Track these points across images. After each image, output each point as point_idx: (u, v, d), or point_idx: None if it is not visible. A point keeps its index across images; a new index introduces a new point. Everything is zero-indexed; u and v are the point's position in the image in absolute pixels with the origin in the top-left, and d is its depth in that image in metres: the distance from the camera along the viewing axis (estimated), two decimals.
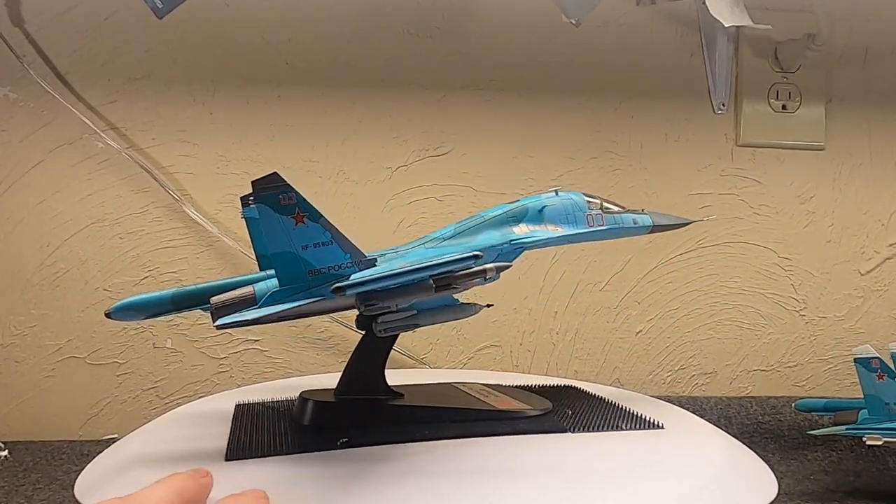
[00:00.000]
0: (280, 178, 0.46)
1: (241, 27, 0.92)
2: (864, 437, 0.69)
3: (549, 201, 0.61)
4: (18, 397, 0.91)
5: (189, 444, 0.55)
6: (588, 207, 0.61)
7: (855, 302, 1.03)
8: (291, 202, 0.47)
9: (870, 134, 1.02)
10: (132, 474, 0.49)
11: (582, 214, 0.61)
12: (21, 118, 0.90)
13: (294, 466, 0.48)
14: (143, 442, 0.57)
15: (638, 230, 0.62)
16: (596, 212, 0.61)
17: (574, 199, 0.61)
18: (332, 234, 0.48)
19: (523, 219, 0.60)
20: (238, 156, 0.93)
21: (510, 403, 0.60)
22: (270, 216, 0.47)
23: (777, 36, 0.98)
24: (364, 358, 0.57)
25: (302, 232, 0.48)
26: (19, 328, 0.91)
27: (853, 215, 1.02)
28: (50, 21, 0.90)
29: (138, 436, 0.60)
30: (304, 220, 0.48)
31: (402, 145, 0.95)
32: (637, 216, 0.62)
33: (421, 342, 0.96)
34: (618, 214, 0.62)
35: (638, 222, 0.62)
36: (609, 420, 0.58)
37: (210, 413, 0.63)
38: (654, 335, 1.00)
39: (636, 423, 0.58)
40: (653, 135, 0.99)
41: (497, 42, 0.96)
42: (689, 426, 0.62)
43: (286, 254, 0.48)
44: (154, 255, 0.92)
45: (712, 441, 0.57)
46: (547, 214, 0.60)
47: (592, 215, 0.61)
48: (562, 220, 0.60)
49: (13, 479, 0.78)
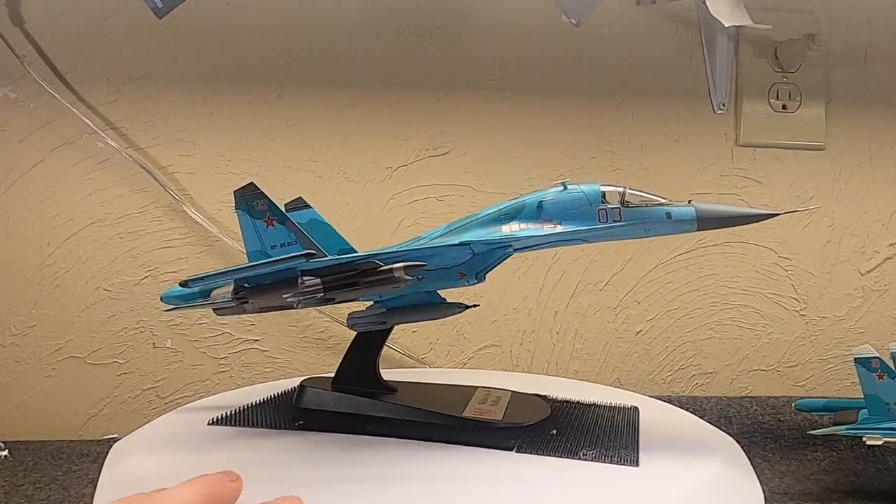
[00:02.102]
0: (256, 187, 0.56)
1: (241, 27, 0.92)
2: (864, 437, 0.69)
3: (551, 196, 0.54)
4: (18, 397, 0.91)
5: (190, 444, 0.55)
6: (602, 200, 0.52)
7: (855, 302, 1.03)
8: (263, 208, 0.56)
9: (870, 134, 1.02)
10: (132, 474, 0.49)
11: (592, 209, 0.53)
12: (21, 118, 0.90)
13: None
14: (143, 442, 0.57)
15: (675, 226, 0.52)
16: (613, 206, 0.52)
17: (584, 192, 0.53)
18: (297, 236, 0.56)
19: (517, 216, 0.55)
20: (238, 156, 0.93)
21: (490, 413, 0.58)
22: (247, 220, 0.57)
23: (777, 36, 0.98)
24: (357, 353, 0.61)
25: (271, 234, 0.56)
26: (19, 328, 0.91)
27: (853, 215, 1.02)
28: (50, 21, 0.90)
29: (138, 436, 0.60)
30: (273, 223, 0.57)
31: (402, 145, 0.95)
32: (674, 209, 0.52)
33: (421, 342, 0.96)
34: (642, 208, 0.52)
35: (674, 216, 0.51)
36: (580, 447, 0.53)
37: (210, 413, 0.63)
38: (654, 335, 1.00)
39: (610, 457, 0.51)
40: (653, 135, 0.99)
41: (497, 42, 0.96)
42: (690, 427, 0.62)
43: (257, 252, 0.57)
44: (154, 255, 0.92)
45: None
46: (546, 210, 0.54)
47: (607, 210, 0.52)
48: (564, 217, 0.53)
49: (13, 479, 0.78)
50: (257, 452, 0.52)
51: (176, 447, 0.54)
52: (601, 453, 0.51)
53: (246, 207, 0.57)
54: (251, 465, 0.49)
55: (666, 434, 0.59)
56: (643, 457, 0.52)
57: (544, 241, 0.54)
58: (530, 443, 0.53)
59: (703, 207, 0.51)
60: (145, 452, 0.53)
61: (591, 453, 0.51)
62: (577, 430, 0.57)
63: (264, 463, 0.50)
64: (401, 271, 0.49)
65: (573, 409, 0.63)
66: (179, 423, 0.61)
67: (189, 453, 0.52)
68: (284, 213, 0.57)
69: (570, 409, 0.63)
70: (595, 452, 0.52)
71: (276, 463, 0.50)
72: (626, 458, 0.51)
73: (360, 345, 0.61)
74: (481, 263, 0.54)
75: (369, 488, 0.46)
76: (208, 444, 0.54)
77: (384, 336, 0.61)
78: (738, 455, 0.57)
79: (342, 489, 0.46)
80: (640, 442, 0.55)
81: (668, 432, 0.60)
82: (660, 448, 0.54)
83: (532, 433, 0.55)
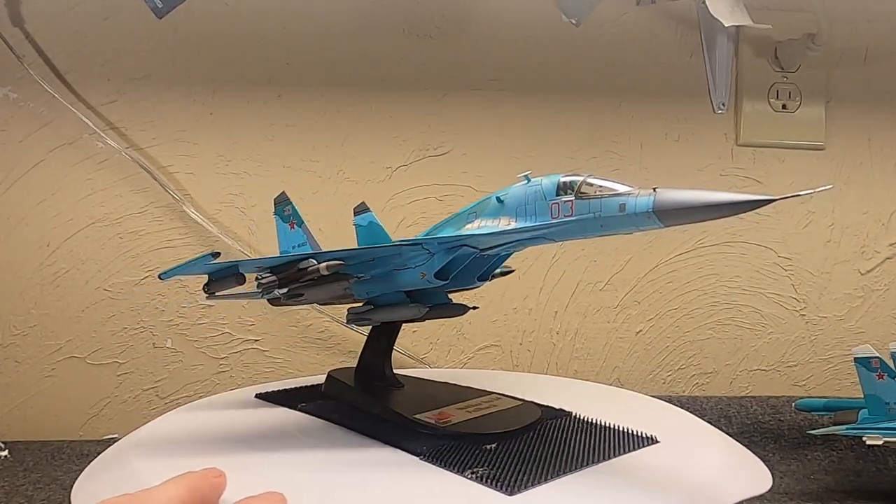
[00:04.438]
0: (286, 196, 0.69)
1: (241, 27, 0.92)
2: (864, 436, 0.69)
3: (513, 190, 0.49)
4: (18, 397, 0.91)
5: (190, 444, 0.55)
6: (557, 193, 0.46)
7: (855, 302, 1.03)
8: (289, 213, 0.68)
9: (870, 134, 1.02)
10: (132, 474, 0.49)
11: (546, 203, 0.46)
12: (21, 118, 0.90)
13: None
14: (143, 442, 0.57)
15: (631, 221, 0.42)
16: (566, 199, 0.45)
17: (541, 185, 0.47)
18: (307, 238, 0.67)
19: (483, 213, 0.51)
20: (238, 156, 0.93)
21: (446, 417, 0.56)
22: (279, 223, 0.69)
23: (777, 36, 0.98)
24: (368, 348, 0.64)
25: (293, 235, 0.68)
26: (19, 328, 0.91)
27: (853, 215, 1.02)
28: (50, 21, 0.90)
29: (138, 436, 0.60)
30: (294, 226, 0.68)
31: (402, 145, 0.95)
32: (629, 200, 0.42)
33: (421, 342, 0.96)
34: (594, 200, 0.44)
35: (629, 208, 0.42)
36: (479, 465, 0.47)
37: (210, 413, 0.64)
38: (654, 335, 1.00)
39: (495, 480, 0.45)
40: (653, 135, 0.99)
41: (497, 42, 0.96)
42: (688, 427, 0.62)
43: (286, 250, 0.69)
44: (154, 255, 0.92)
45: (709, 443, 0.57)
46: (506, 206, 0.49)
47: (560, 203, 0.45)
48: (520, 212, 0.48)
49: (13, 479, 0.78)
50: (257, 452, 0.52)
51: (176, 447, 0.54)
52: (490, 474, 0.46)
53: (280, 212, 0.69)
54: (248, 466, 0.49)
55: (666, 434, 0.59)
56: (644, 457, 0.52)
57: (498, 239, 0.50)
58: (441, 452, 0.50)
59: (665, 197, 0.40)
60: (145, 452, 0.53)
61: (479, 471, 0.46)
62: (522, 449, 0.51)
63: (259, 464, 0.50)
64: (324, 270, 0.50)
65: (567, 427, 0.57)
66: (179, 423, 0.61)
67: (189, 453, 0.52)
68: (301, 218, 0.68)
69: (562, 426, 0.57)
70: (485, 472, 0.46)
71: (270, 463, 0.50)
72: (514, 484, 0.44)
73: (371, 341, 0.64)
74: (439, 263, 0.52)
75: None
76: (208, 445, 0.54)
77: (391, 333, 0.63)
78: (742, 451, 0.57)
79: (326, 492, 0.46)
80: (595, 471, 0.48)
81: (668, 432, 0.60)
82: (660, 448, 0.54)
83: (462, 443, 0.51)
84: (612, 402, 0.70)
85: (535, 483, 0.45)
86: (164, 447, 0.55)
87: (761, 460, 0.55)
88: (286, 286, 0.53)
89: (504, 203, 0.50)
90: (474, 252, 0.52)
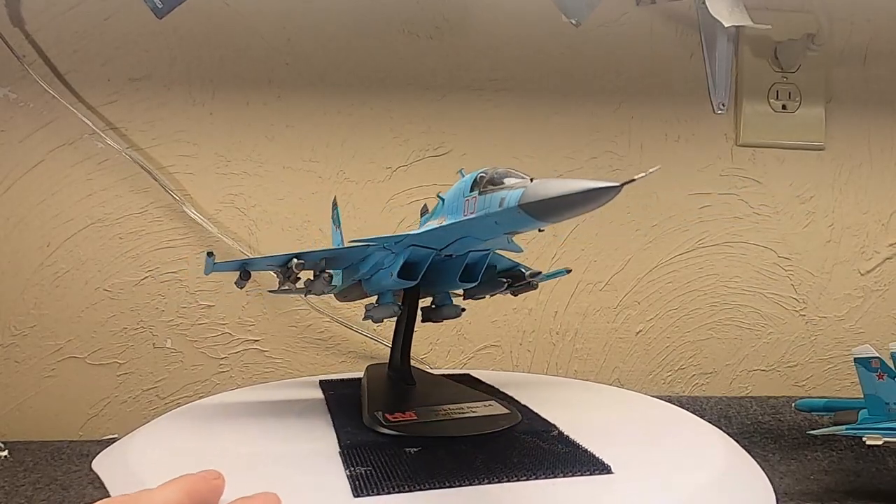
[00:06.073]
0: (336, 201, 0.78)
1: (241, 27, 0.92)
2: (864, 437, 0.69)
3: (453, 187, 0.47)
4: (18, 397, 0.91)
5: (189, 444, 0.55)
6: (472, 189, 0.43)
7: (855, 302, 1.03)
8: (335, 217, 0.77)
9: (870, 134, 1.02)
10: (132, 474, 0.49)
11: (461, 201, 0.44)
12: (21, 118, 0.90)
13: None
14: (143, 442, 0.57)
15: (509, 217, 0.38)
16: (472, 195, 0.42)
17: (464, 180, 0.44)
18: (341, 237, 0.76)
19: (434, 212, 0.51)
20: (238, 156, 0.93)
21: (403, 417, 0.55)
22: (333, 224, 0.78)
23: (777, 36, 0.98)
24: (392, 345, 0.64)
25: (336, 235, 0.77)
26: (19, 328, 0.91)
27: (853, 215, 1.02)
28: (50, 21, 0.90)
29: (138, 436, 0.60)
30: (337, 228, 0.77)
31: (402, 145, 0.95)
32: (510, 193, 0.37)
33: (421, 342, 0.96)
34: (488, 194, 0.40)
35: (506, 203, 0.38)
36: (364, 466, 0.46)
37: (210, 413, 0.63)
38: (654, 335, 1.00)
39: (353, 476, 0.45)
40: (653, 135, 0.99)
41: (497, 42, 0.96)
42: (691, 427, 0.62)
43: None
44: (154, 255, 0.92)
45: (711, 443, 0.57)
46: (445, 204, 0.48)
47: (470, 200, 0.43)
48: (448, 210, 0.46)
49: (13, 479, 0.78)
50: (256, 453, 0.52)
51: (176, 447, 0.54)
52: (363, 473, 0.45)
53: (335, 216, 0.77)
54: (247, 466, 0.49)
55: (666, 434, 0.59)
56: (643, 456, 0.52)
57: (432, 239, 0.48)
58: (357, 448, 0.50)
59: (533, 190, 0.35)
60: (145, 452, 0.53)
61: (359, 469, 0.46)
62: (439, 457, 0.49)
63: (258, 464, 0.50)
64: (300, 268, 0.52)
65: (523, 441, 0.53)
66: (179, 423, 0.61)
67: (188, 454, 0.52)
68: (339, 221, 0.76)
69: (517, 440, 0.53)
70: (362, 471, 0.46)
71: (268, 463, 0.50)
72: (369, 487, 0.43)
73: (394, 338, 0.64)
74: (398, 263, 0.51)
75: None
76: (208, 445, 0.54)
77: (406, 331, 0.62)
78: (742, 455, 0.57)
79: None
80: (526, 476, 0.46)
81: (667, 432, 0.60)
82: (659, 449, 0.54)
83: (389, 443, 0.51)
84: (612, 402, 0.70)
85: (394, 490, 0.43)
86: (164, 447, 0.55)
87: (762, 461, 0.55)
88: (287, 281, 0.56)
89: (444, 201, 0.48)
90: (431, 252, 0.50)
